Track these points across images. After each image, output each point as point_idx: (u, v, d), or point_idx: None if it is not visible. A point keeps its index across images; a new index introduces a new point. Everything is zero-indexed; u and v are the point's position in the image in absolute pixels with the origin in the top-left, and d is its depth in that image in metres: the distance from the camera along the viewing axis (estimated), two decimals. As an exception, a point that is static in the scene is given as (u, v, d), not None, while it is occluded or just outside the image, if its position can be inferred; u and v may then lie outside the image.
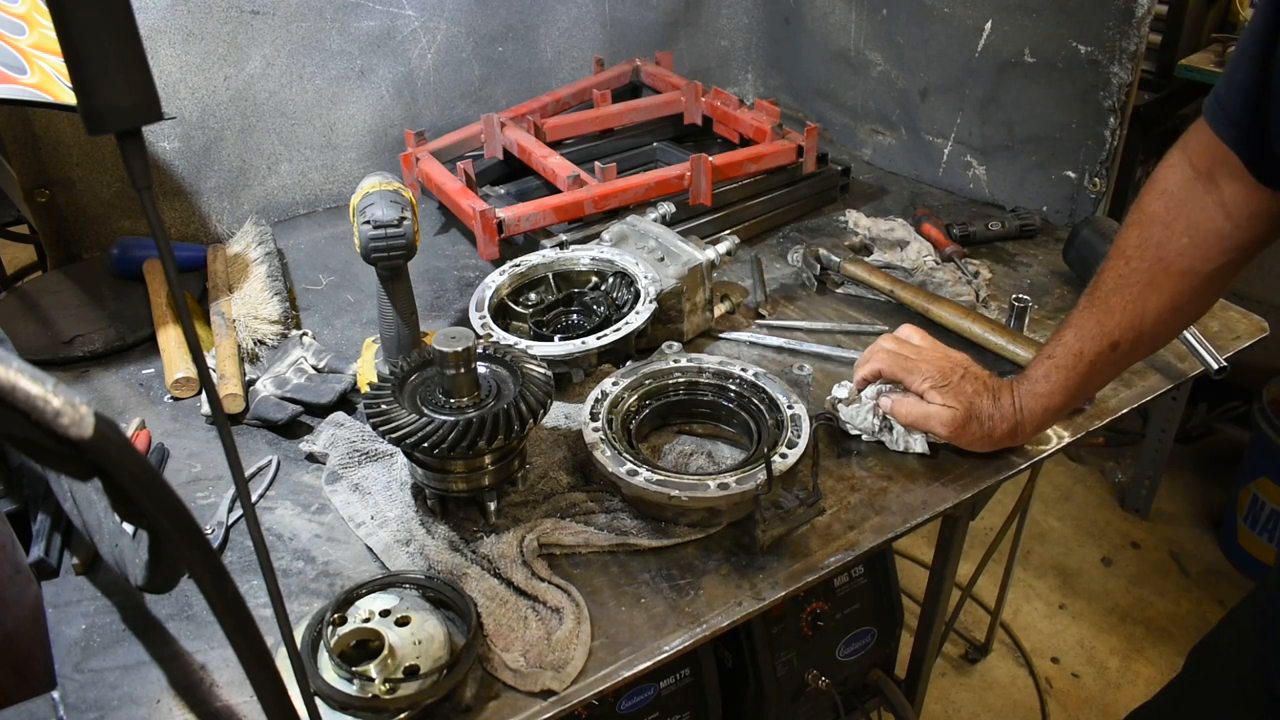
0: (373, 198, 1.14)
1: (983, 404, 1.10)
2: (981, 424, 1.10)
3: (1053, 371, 1.08)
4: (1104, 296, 1.05)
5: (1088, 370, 1.07)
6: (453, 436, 0.96)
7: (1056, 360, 1.08)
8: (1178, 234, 0.99)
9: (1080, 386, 1.09)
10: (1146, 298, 1.02)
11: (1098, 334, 1.05)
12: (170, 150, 1.64)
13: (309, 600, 0.99)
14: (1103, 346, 1.05)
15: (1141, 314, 1.03)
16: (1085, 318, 1.06)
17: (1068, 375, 1.07)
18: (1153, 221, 1.01)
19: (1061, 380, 1.08)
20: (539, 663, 0.89)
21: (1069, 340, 1.07)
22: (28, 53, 1.22)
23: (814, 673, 1.68)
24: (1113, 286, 1.04)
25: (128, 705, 0.89)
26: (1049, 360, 1.09)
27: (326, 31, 1.69)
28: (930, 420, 1.11)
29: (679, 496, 0.99)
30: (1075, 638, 2.53)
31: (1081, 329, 1.06)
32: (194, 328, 0.58)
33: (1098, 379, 1.10)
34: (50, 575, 1.02)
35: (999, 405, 1.10)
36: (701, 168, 1.58)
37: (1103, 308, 1.05)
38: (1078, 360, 1.06)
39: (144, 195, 0.53)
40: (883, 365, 1.15)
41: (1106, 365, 1.07)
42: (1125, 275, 1.03)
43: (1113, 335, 1.04)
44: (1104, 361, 1.06)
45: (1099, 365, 1.06)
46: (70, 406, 0.47)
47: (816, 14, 2.00)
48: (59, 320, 1.41)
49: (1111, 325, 1.04)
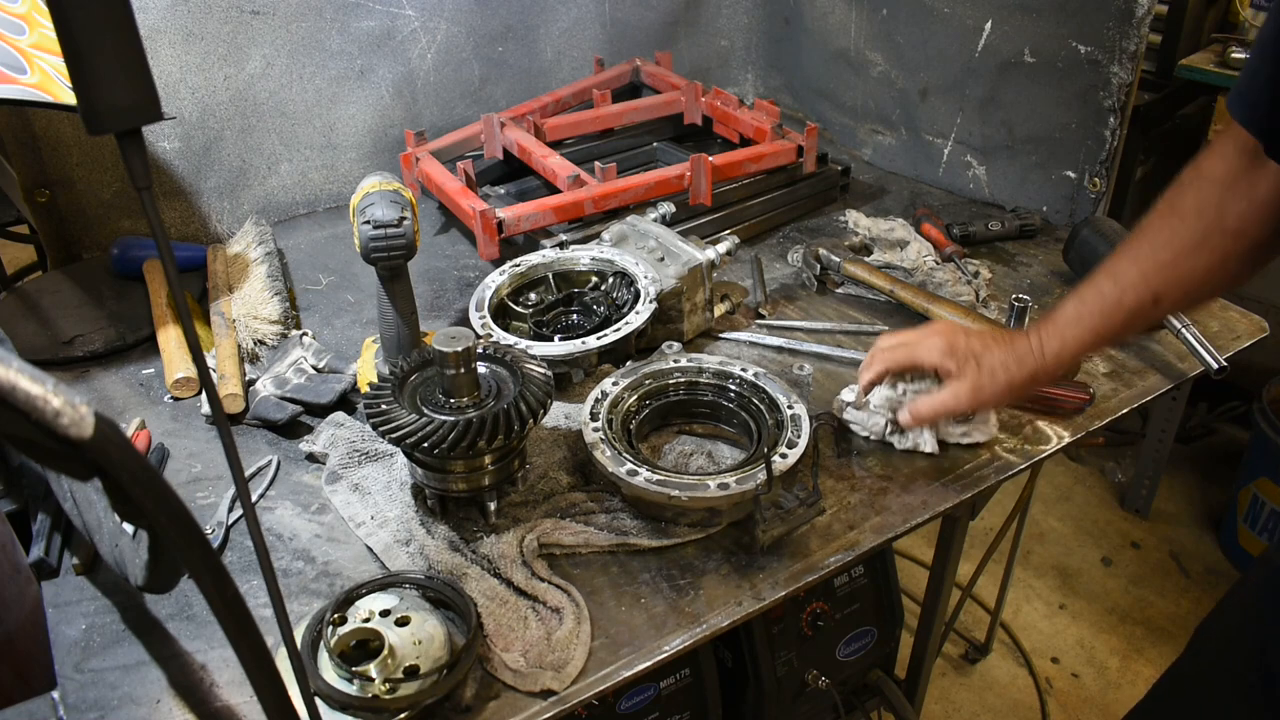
0: (373, 198, 1.14)
1: (993, 357, 1.08)
2: (996, 378, 1.08)
3: (1086, 316, 1.06)
4: (1151, 251, 1.04)
5: (1126, 319, 1.05)
6: (453, 436, 0.96)
7: (1090, 306, 1.06)
8: (1237, 197, 0.99)
9: (1114, 333, 1.07)
10: (1197, 256, 1.02)
11: (1141, 285, 1.04)
12: (170, 150, 1.64)
13: (309, 600, 0.99)
14: (1145, 297, 1.04)
15: (1191, 271, 1.02)
16: (1127, 267, 1.05)
17: (1104, 320, 1.06)
18: (1214, 183, 1.01)
19: (1094, 325, 1.06)
20: (539, 663, 0.89)
21: (1107, 288, 1.06)
22: (28, 53, 1.22)
23: (814, 673, 1.68)
24: (1163, 242, 1.03)
25: (128, 705, 0.89)
26: (1081, 305, 1.07)
27: (326, 31, 1.69)
28: (946, 404, 1.10)
29: (679, 496, 0.99)
30: (1075, 638, 2.53)
31: (1122, 278, 1.05)
32: (194, 328, 0.58)
33: (1132, 329, 1.08)
34: (50, 575, 1.02)
35: (1014, 350, 1.08)
36: (701, 168, 1.58)
37: (1150, 261, 1.04)
38: (1117, 308, 1.05)
39: (144, 195, 0.53)
40: (887, 362, 1.15)
41: (1144, 317, 1.06)
42: (1178, 232, 1.02)
43: (1157, 289, 1.04)
44: (1144, 312, 1.05)
45: (1138, 315, 1.05)
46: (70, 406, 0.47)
47: (816, 14, 2.00)
48: (59, 320, 1.41)
49: (1158, 279, 1.03)
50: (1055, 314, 1.08)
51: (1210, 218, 1.01)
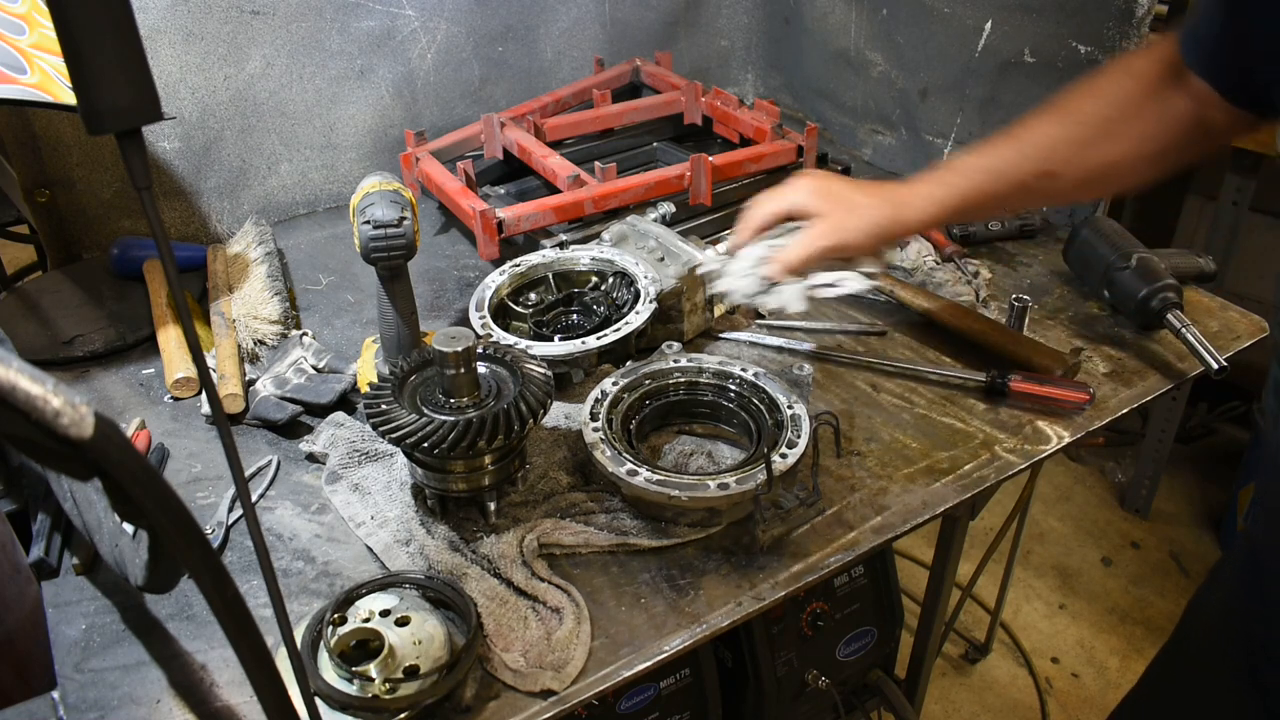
0: (373, 198, 1.14)
1: (861, 196, 1.06)
2: (861, 215, 1.05)
3: (976, 173, 1.04)
4: (1062, 127, 1.02)
5: (1017, 188, 1.03)
6: (453, 436, 0.96)
7: (985, 162, 1.04)
8: (1156, 103, 0.99)
9: (1002, 200, 1.05)
10: (1106, 143, 1.01)
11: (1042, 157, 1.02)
12: (170, 150, 1.64)
13: (309, 600, 0.99)
14: (1042, 170, 1.02)
15: (1097, 155, 1.01)
16: (1036, 137, 1.02)
17: (994, 182, 1.03)
18: (1139, 81, 1.00)
19: (982, 184, 1.03)
20: (539, 663, 0.89)
21: (1008, 153, 1.03)
22: (28, 53, 1.22)
23: (814, 673, 1.68)
24: (1077, 119, 1.02)
25: (128, 705, 0.89)
26: (978, 159, 1.04)
27: (326, 31, 1.69)
28: (812, 243, 1.06)
29: (679, 496, 0.99)
30: (1075, 638, 2.53)
31: (1026, 144, 1.02)
32: (194, 328, 0.58)
33: (1022, 201, 1.07)
34: (50, 575, 1.02)
35: (885, 193, 1.05)
36: (701, 168, 1.58)
37: (1060, 135, 1.02)
38: (1014, 172, 1.02)
39: (144, 195, 0.53)
40: (758, 217, 1.11)
41: (1037, 192, 1.04)
42: (1094, 113, 1.01)
43: (1058, 165, 1.02)
44: (1038, 187, 1.03)
45: (1032, 189, 1.04)
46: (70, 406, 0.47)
47: (816, 14, 2.00)
48: (59, 320, 1.41)
49: (1063, 154, 1.01)
50: (948, 165, 1.05)
51: (1129, 110, 1.00)
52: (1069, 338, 1.38)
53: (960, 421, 1.22)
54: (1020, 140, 1.03)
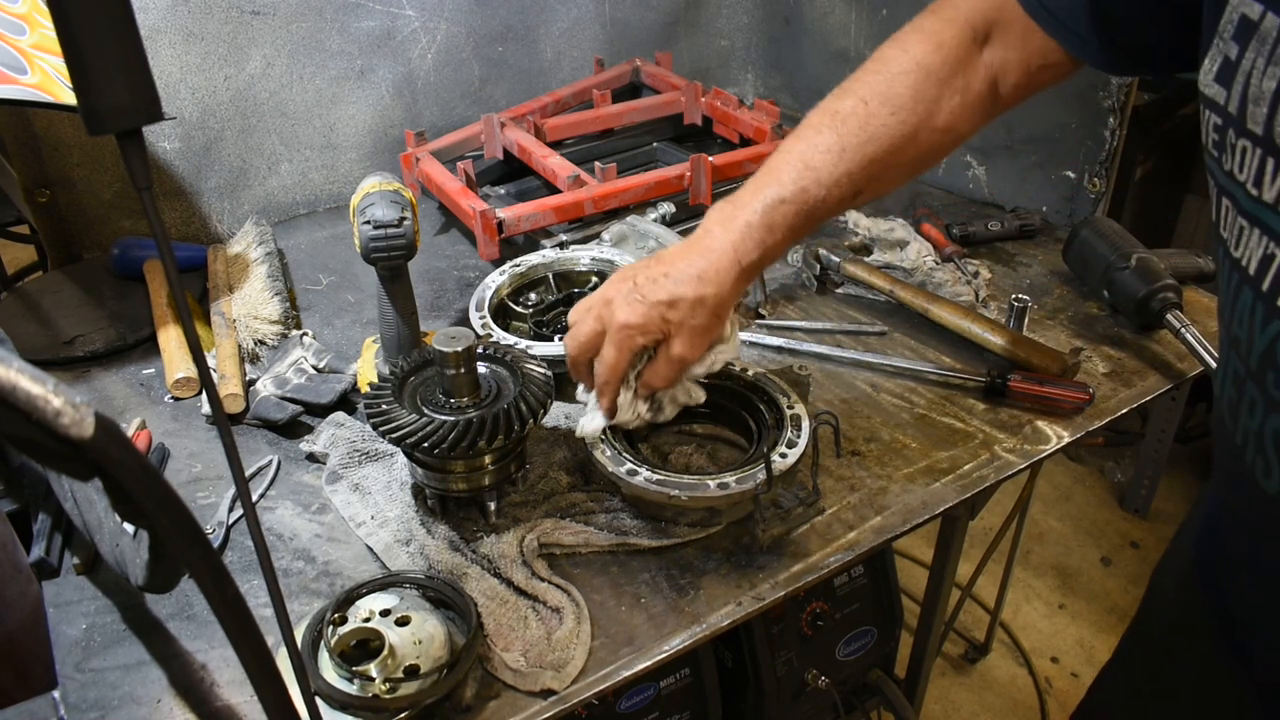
0: (373, 198, 1.14)
1: (661, 290, 0.95)
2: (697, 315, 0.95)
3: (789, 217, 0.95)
4: (860, 145, 0.94)
5: (826, 214, 0.97)
6: (453, 436, 0.96)
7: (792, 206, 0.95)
8: (953, 93, 0.96)
9: (813, 226, 0.98)
10: (906, 150, 0.96)
11: (846, 183, 0.95)
12: (171, 150, 1.64)
13: (309, 600, 0.99)
14: (847, 193, 0.96)
15: (898, 165, 0.97)
16: (832, 164, 0.95)
17: (805, 220, 0.96)
18: (930, 76, 0.95)
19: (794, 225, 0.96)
20: (539, 662, 0.90)
21: (812, 188, 0.94)
22: (28, 53, 1.22)
23: (814, 672, 1.68)
24: (872, 135, 0.95)
25: (128, 705, 0.89)
26: (782, 205, 0.95)
27: (327, 32, 1.69)
28: (669, 367, 0.98)
29: (679, 496, 0.99)
30: (1075, 637, 2.53)
31: (825, 175, 0.95)
32: (194, 328, 0.58)
33: (828, 218, 1.00)
34: (51, 575, 1.02)
35: (700, 271, 0.95)
36: (701, 168, 1.58)
37: (858, 156, 0.95)
38: (820, 206, 0.95)
39: (144, 195, 0.53)
40: (583, 378, 1.04)
41: (843, 209, 0.99)
42: (889, 126, 0.95)
43: (861, 184, 0.96)
44: (844, 205, 0.97)
45: (838, 209, 0.97)
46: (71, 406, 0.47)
47: (816, 14, 2.00)
48: (59, 320, 1.41)
49: (865, 175, 0.95)
50: (750, 215, 0.95)
51: (924, 113, 0.96)
52: (1068, 338, 1.39)
53: (960, 421, 1.23)
54: (820, 170, 0.95)
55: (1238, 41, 0.66)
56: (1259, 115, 0.64)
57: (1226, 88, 0.68)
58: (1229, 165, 0.68)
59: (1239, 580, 0.82)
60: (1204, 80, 0.70)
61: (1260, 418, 0.69)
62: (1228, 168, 0.69)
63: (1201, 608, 0.89)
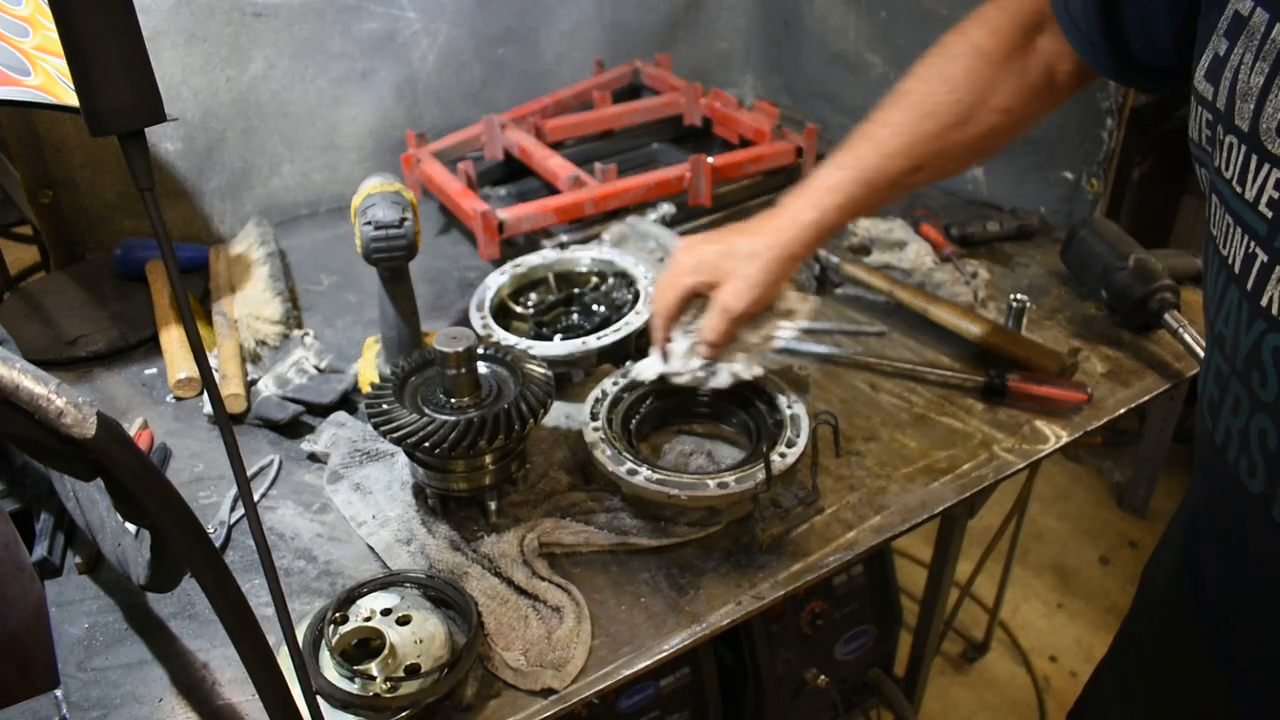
0: (374, 199, 1.15)
1: (741, 246, 1.02)
2: (752, 265, 1.01)
3: (846, 184, 1.01)
4: (917, 120, 1.00)
5: (886, 188, 1.01)
6: (453, 436, 0.96)
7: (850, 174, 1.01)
8: (1010, 75, 0.98)
9: (873, 203, 1.03)
10: (964, 129, 1.00)
11: (904, 155, 1.00)
12: (173, 151, 1.64)
13: (310, 599, 0.99)
14: (906, 167, 1.00)
15: (956, 143, 1.01)
16: (890, 136, 1.01)
17: (864, 189, 1.01)
18: (986, 59, 0.99)
19: (854, 193, 1.01)
20: (539, 661, 0.90)
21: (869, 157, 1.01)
22: (31, 55, 1.22)
23: (813, 671, 1.68)
24: (929, 111, 1.00)
25: (130, 703, 0.89)
26: (841, 172, 1.01)
27: (328, 33, 1.70)
28: (722, 317, 1.03)
29: (679, 495, 1.00)
30: (1073, 636, 2.53)
31: (884, 145, 1.01)
32: (196, 328, 0.58)
33: (890, 197, 1.05)
34: (53, 574, 1.03)
35: (765, 232, 1.02)
36: (701, 169, 1.59)
37: (915, 132, 1.00)
38: (878, 176, 1.01)
39: (147, 196, 0.53)
40: (661, 313, 1.09)
41: (903, 186, 1.03)
42: (946, 104, 0.99)
43: (920, 159, 1.00)
44: (904, 182, 1.02)
45: (898, 185, 1.02)
46: (73, 407, 0.47)
47: (815, 16, 2.00)
48: (62, 321, 1.42)
49: (922, 150, 1.00)
50: (812, 181, 1.03)
51: (980, 92, 0.99)
52: (1067, 338, 1.39)
53: (959, 421, 1.23)
54: (880, 141, 1.01)
55: (1228, 38, 0.66)
56: (1245, 111, 0.64)
57: (1214, 84, 0.68)
58: (1218, 161, 0.69)
59: (1223, 578, 0.82)
60: (1196, 77, 0.71)
61: (1245, 417, 0.69)
62: (1216, 164, 0.69)
63: (1189, 604, 0.89)
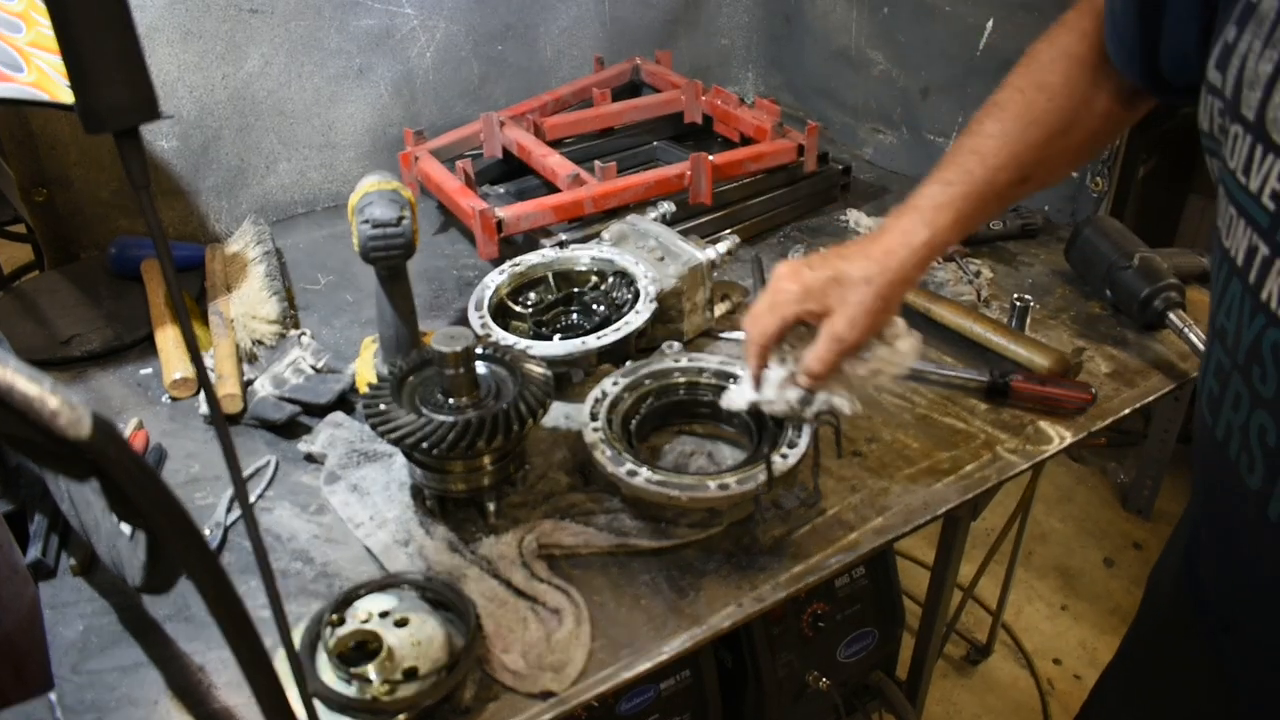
0: (371, 197, 1.14)
1: (853, 271, 0.96)
2: (865, 292, 0.96)
3: (956, 200, 0.97)
4: (1021, 130, 0.97)
5: (995, 202, 0.99)
6: (451, 437, 0.96)
7: (958, 189, 0.98)
8: (1105, 78, 0.97)
9: (982, 217, 1.01)
10: (1068, 136, 0.98)
11: (1011, 166, 0.97)
12: (168, 149, 1.63)
13: (307, 601, 0.98)
14: (1014, 178, 0.98)
15: (1062, 151, 0.99)
16: (996, 148, 0.98)
17: (973, 205, 0.98)
18: (1081, 63, 0.97)
19: (963, 209, 0.98)
20: (538, 664, 0.89)
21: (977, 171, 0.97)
22: (25, 51, 1.21)
23: (815, 674, 1.67)
24: (1032, 119, 0.98)
25: (125, 706, 0.89)
26: (949, 188, 0.98)
27: (325, 30, 1.69)
28: (830, 348, 0.97)
29: (679, 496, 0.99)
30: (1077, 639, 2.52)
31: (990, 158, 0.97)
32: (192, 328, 0.57)
33: (998, 211, 1.03)
34: (48, 576, 1.02)
35: (874, 255, 0.97)
36: (702, 167, 1.58)
37: (1020, 142, 0.97)
38: (987, 189, 0.98)
39: (142, 195, 0.53)
40: (758, 339, 1.02)
41: (1012, 198, 1.01)
42: (1049, 111, 0.97)
43: (1027, 169, 0.98)
44: (1012, 194, 1.00)
45: (1006, 198, 1.00)
46: (68, 406, 0.46)
47: (817, 12, 2.00)
48: (56, 320, 1.41)
49: (1029, 159, 0.98)
50: (918, 200, 0.99)
51: (1081, 97, 0.97)
52: (1071, 338, 1.38)
53: (962, 422, 1.22)
54: (985, 154, 0.98)
55: (1238, 24, 0.65)
56: (1251, 100, 0.63)
57: (1223, 72, 0.67)
58: (1224, 151, 0.68)
59: (1221, 576, 0.82)
60: (1208, 66, 0.70)
61: (1245, 412, 0.69)
62: (1223, 154, 0.68)
63: (1193, 607, 0.89)
